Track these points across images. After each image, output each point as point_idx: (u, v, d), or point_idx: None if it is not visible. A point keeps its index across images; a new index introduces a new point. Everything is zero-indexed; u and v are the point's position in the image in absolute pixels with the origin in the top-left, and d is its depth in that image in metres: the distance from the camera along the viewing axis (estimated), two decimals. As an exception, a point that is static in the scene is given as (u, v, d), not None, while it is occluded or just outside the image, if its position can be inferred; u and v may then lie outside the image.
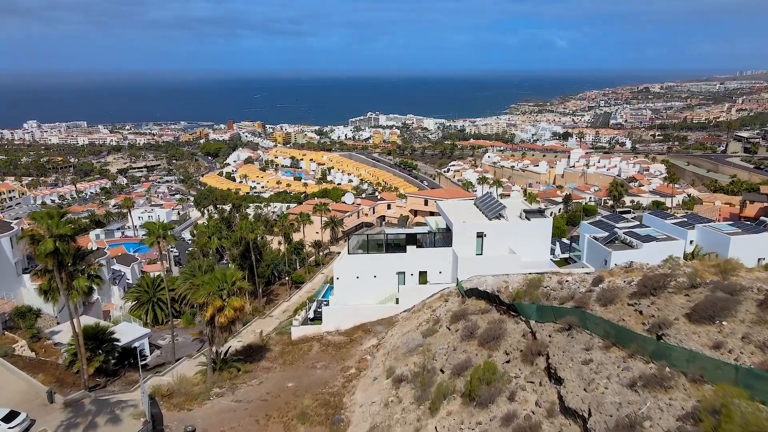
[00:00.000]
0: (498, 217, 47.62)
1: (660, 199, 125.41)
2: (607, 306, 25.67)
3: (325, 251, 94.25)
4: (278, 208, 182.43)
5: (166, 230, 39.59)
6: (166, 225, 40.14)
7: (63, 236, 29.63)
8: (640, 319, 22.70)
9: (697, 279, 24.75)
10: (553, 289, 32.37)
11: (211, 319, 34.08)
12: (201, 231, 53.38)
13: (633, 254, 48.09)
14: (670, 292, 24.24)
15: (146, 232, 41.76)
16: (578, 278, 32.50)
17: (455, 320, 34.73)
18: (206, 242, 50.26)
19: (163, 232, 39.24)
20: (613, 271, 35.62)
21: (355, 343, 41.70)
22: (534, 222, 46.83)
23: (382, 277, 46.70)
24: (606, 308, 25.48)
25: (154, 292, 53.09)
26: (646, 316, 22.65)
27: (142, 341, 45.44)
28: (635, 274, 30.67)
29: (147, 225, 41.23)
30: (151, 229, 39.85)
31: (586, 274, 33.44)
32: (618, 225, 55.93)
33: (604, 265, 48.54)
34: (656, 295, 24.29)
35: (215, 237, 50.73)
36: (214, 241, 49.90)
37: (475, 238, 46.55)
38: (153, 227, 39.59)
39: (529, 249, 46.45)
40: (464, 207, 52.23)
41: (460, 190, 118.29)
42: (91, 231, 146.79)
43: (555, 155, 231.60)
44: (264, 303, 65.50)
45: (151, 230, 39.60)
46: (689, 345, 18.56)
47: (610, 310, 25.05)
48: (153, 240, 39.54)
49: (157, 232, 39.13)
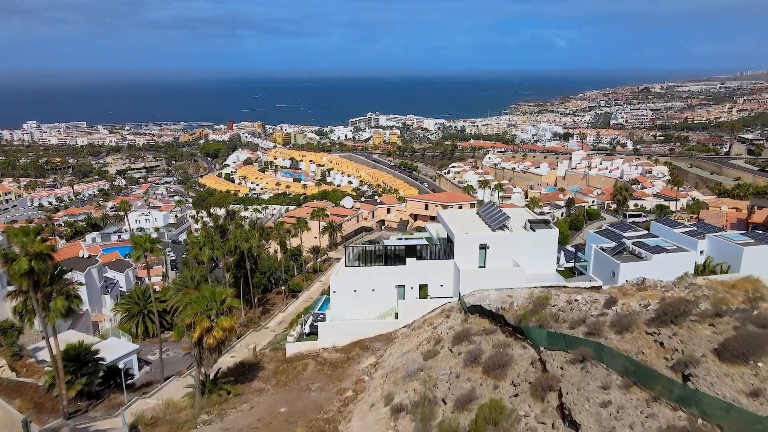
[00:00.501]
0: (502, 228, 45.61)
1: (664, 203, 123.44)
2: (623, 334, 23.70)
3: (324, 257, 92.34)
4: (277, 210, 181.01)
5: (154, 243, 37.63)
6: (153, 238, 38.19)
7: (39, 255, 27.67)
8: (662, 353, 20.72)
9: (721, 306, 22.81)
10: (561, 309, 30.38)
11: (199, 341, 32.09)
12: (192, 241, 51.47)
13: (642, 266, 46.17)
14: (693, 321, 22.28)
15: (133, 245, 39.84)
16: (589, 298, 30.48)
17: (458, 341, 32.77)
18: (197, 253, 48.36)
19: (151, 245, 37.28)
20: (625, 290, 33.67)
21: (353, 362, 39.74)
22: (539, 233, 44.82)
23: (380, 290, 44.72)
24: (622, 336, 23.51)
25: (145, 303, 51.19)
26: (669, 350, 20.68)
27: (130, 358, 43.49)
28: (651, 296, 28.69)
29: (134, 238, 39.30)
30: (137, 242, 37.91)
31: (596, 294, 31.39)
32: (626, 235, 53.94)
33: (611, 278, 46.62)
34: (678, 324, 22.32)
35: (206, 248, 48.70)
36: (205, 252, 47.86)
37: (477, 250, 44.55)
38: (139, 240, 37.66)
39: (534, 261, 44.47)
40: (466, 216, 50.24)
41: (462, 194, 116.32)
42: (87, 234, 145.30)
43: (556, 157, 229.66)
44: (260, 313, 63.58)
45: (138, 243, 37.64)
46: (722, 390, 16.59)
47: (627, 339, 23.08)
48: (139, 254, 37.56)
49: (144, 245, 37.18)
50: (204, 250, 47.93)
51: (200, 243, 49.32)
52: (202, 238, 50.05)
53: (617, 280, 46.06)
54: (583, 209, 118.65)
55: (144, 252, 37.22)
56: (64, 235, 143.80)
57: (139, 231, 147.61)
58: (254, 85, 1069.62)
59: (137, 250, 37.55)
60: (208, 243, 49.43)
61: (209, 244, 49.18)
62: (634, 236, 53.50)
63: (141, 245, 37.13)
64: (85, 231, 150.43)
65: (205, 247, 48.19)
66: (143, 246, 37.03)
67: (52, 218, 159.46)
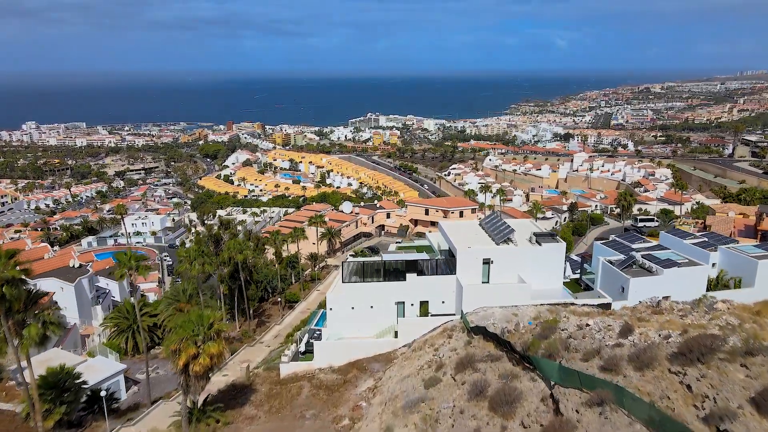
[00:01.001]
0: (506, 242, 43.60)
1: (668, 207, 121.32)
2: (644, 371, 21.67)
3: (322, 264, 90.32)
4: (276, 213, 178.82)
5: (139, 261, 35.55)
6: (139, 255, 36.10)
7: (11, 280, 25.65)
8: (690, 399, 18.69)
9: (752, 342, 20.76)
10: (572, 336, 28.34)
11: (185, 367, 30.04)
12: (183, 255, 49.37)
13: (653, 281, 44.19)
14: (722, 359, 20.24)
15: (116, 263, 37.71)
16: (602, 324, 28.42)
17: (461, 368, 30.72)
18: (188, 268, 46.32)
19: (135, 263, 35.20)
20: (640, 313, 31.64)
21: (349, 385, 37.70)
22: (546, 247, 42.79)
23: (379, 307, 42.70)
24: (643, 374, 21.47)
25: (135, 318, 49.12)
26: (698, 395, 18.64)
27: (117, 379, 41.45)
28: (670, 323, 26.65)
29: (118, 256, 37.19)
30: (120, 260, 35.78)
31: (610, 319, 29.28)
32: (634, 246, 51.95)
33: (621, 293, 44.59)
34: (705, 363, 20.28)
35: (197, 262, 46.58)
36: (195, 267, 45.75)
37: (481, 265, 42.54)
38: (123, 258, 35.51)
39: (540, 276, 42.52)
40: (468, 228, 48.19)
41: (463, 199, 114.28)
42: (83, 238, 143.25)
43: (558, 159, 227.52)
44: (255, 325, 61.52)
45: (121, 261, 35.53)
46: (766, 454, 14.58)
47: (649, 378, 21.05)
48: (122, 272, 35.45)
49: (128, 263, 35.10)
50: (194, 264, 45.91)
51: (191, 257, 47.32)
52: (192, 252, 48.02)
53: (627, 296, 44.09)
54: (586, 214, 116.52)
55: (128, 270, 35.17)
56: (59, 240, 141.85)
57: (135, 235, 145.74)
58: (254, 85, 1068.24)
59: (121, 269, 35.47)
60: (198, 257, 47.43)
61: (200, 258, 47.16)
62: (643, 248, 51.50)
63: (124, 264, 35.03)
64: (81, 235, 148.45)
65: (195, 262, 46.18)
66: (127, 264, 34.97)
67: (47, 222, 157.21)
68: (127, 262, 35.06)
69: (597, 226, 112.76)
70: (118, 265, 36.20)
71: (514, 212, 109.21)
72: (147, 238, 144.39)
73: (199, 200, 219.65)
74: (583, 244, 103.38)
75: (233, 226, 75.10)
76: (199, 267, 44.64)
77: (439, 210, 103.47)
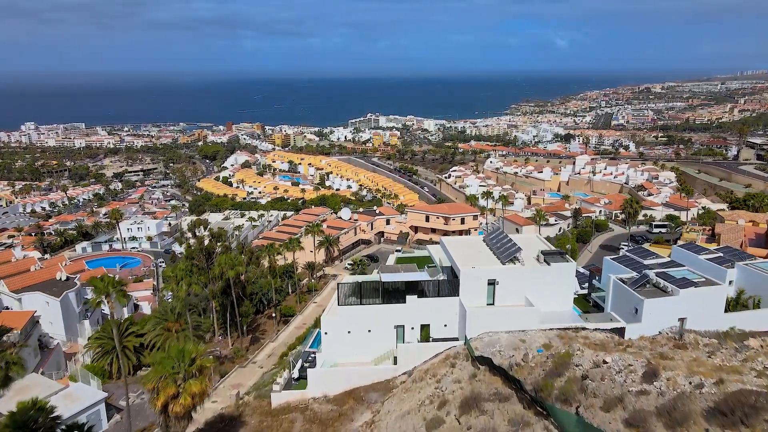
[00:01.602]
0: (512, 261, 40.98)
1: (674, 213, 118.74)
2: (676, 430, 19.07)
3: (319, 273, 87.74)
4: (274, 217, 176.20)
5: (117, 286, 32.92)
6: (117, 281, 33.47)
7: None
8: (737, 475, 16.10)
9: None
10: (589, 376, 25.71)
11: (164, 408, 27.44)
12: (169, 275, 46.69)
13: (669, 303, 41.51)
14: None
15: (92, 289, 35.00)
16: (622, 363, 25.79)
17: (466, 408, 28.10)
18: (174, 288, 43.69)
19: (113, 289, 32.56)
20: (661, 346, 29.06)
21: (345, 418, 35.09)
22: (555, 267, 40.17)
23: (377, 331, 40.10)
24: (675, 435, 18.88)
25: (121, 338, 46.55)
26: (745, 471, 16.05)
27: (97, 408, 38.82)
28: (697, 363, 24.06)
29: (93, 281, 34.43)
30: (96, 286, 33.06)
31: (631, 357, 26.64)
32: (646, 263, 49.28)
33: (634, 315, 41.95)
34: (750, 426, 17.69)
35: (183, 283, 43.85)
36: (182, 288, 43.05)
37: (485, 286, 39.97)
38: (99, 284, 32.79)
39: (548, 298, 39.93)
40: (472, 245, 45.54)
41: (464, 206, 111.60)
42: (77, 244, 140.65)
43: (559, 161, 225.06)
44: (248, 342, 58.88)
45: (97, 287, 32.80)
46: None
47: (683, 440, 18.45)
48: (98, 299, 32.79)
49: (104, 289, 32.44)
50: (181, 285, 43.30)
51: (177, 276, 44.64)
52: (179, 272, 45.31)
53: (641, 318, 41.46)
54: (590, 220, 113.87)
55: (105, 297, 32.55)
56: (52, 245, 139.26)
57: (131, 240, 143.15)
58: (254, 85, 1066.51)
59: (97, 295, 32.81)
60: (186, 276, 44.70)
61: (187, 277, 44.46)
62: (656, 264, 48.83)
63: (101, 290, 32.33)
64: (75, 240, 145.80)
65: (182, 282, 43.55)
66: (103, 290, 32.29)
67: (41, 226, 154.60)
68: (104, 288, 32.43)
69: (602, 233, 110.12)
70: (94, 290, 33.54)
71: (517, 218, 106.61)
72: (143, 243, 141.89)
73: (197, 203, 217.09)
74: (588, 252, 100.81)
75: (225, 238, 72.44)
76: (186, 288, 42.05)
77: (440, 217, 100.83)
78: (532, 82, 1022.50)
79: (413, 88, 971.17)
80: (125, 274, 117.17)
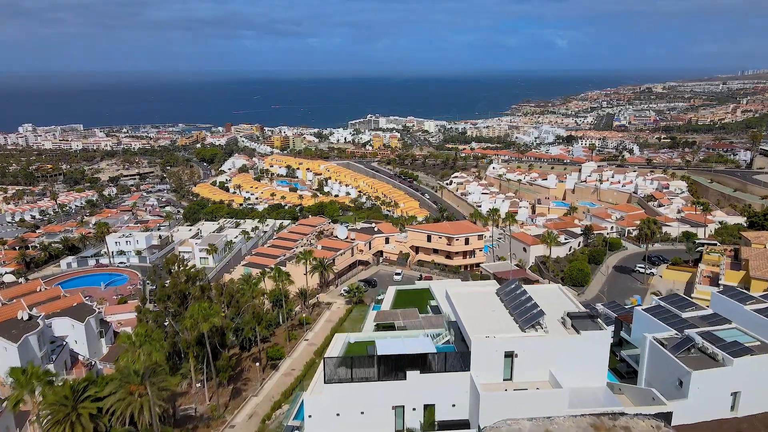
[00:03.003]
0: (534, 327, 34.36)
1: (691, 229, 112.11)
2: None
3: (312, 301, 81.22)
4: (270, 227, 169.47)
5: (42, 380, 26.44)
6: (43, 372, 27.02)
7: None
8: None
9: None
10: None
11: None
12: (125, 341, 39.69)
13: (723, 376, 35.02)
14: None
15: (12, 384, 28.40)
16: None
17: None
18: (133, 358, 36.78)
19: (36, 383, 26.07)
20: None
21: None
22: (585, 337, 33.57)
23: (372, 413, 33.63)
24: None
25: (75, 403, 39.83)
26: None
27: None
28: None
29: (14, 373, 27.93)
30: (18, 380, 26.54)
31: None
32: (684, 315, 42.68)
33: (678, 389, 35.43)
34: None
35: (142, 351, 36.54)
36: (140, 357, 35.96)
37: (502, 359, 33.48)
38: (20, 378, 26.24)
39: (578, 373, 33.38)
40: (485, 303, 38.86)
41: (469, 224, 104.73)
42: (62, 258, 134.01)
43: (564, 168, 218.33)
44: (229, 394, 52.23)
45: (19, 382, 26.26)
46: None
47: None
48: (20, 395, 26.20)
49: (26, 385, 25.91)
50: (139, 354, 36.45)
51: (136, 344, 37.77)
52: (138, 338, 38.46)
53: (686, 393, 34.93)
54: (602, 238, 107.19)
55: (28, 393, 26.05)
56: (36, 260, 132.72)
57: (119, 254, 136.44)
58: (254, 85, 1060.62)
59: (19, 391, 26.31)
60: (146, 343, 37.90)
61: (147, 344, 37.63)
62: (697, 318, 42.20)
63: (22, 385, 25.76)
64: (60, 254, 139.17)
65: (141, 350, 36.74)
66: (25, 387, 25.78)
67: (25, 240, 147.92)
68: (25, 385, 25.83)
69: (614, 252, 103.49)
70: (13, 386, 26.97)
71: (525, 237, 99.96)
72: (131, 258, 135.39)
73: (192, 210, 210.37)
74: (602, 275, 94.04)
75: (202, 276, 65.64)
76: (145, 357, 35.44)
77: (442, 236, 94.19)
78: (533, 82, 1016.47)
79: (413, 88, 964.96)
80: (110, 293, 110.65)
